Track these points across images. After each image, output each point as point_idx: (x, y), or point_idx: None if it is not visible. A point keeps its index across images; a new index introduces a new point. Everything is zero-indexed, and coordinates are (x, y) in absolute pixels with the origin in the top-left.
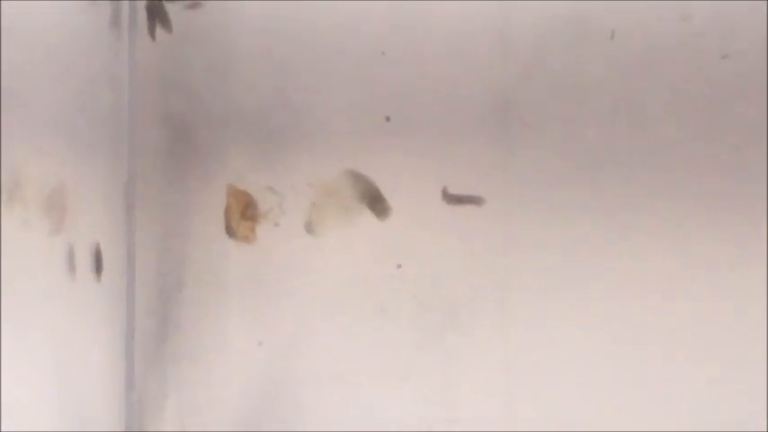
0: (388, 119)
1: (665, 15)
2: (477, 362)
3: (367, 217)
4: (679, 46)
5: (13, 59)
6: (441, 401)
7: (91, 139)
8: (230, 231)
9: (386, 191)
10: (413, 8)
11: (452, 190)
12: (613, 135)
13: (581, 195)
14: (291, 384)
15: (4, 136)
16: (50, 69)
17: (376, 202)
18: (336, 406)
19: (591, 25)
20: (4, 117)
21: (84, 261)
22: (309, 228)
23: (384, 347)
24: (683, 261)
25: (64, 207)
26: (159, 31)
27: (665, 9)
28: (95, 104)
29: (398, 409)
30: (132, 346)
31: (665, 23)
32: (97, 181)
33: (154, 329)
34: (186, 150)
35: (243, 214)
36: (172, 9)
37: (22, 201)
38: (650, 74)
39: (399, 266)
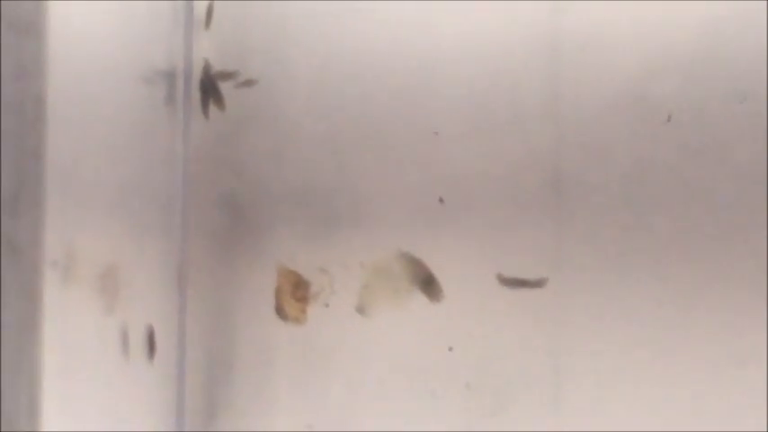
0: (441, 200)
1: (721, 96)
2: None
3: (419, 299)
4: (735, 128)
5: (67, 137)
6: None
7: (144, 218)
8: (280, 312)
9: (438, 273)
10: (467, 88)
11: (506, 273)
12: (675, 219)
13: (638, 280)
14: None
15: (58, 214)
16: (105, 148)
17: (428, 284)
18: None
19: (647, 106)
20: (58, 195)
21: (138, 342)
22: (360, 309)
23: (435, 431)
24: (743, 345)
25: (117, 286)
26: (213, 109)
27: (721, 90)
28: (149, 183)
29: None
30: (183, 428)
31: (721, 105)
32: (150, 260)
33: (203, 410)
34: (238, 230)
35: (293, 295)
36: (225, 87)
37: (76, 279)
38: (708, 156)
39: (451, 349)
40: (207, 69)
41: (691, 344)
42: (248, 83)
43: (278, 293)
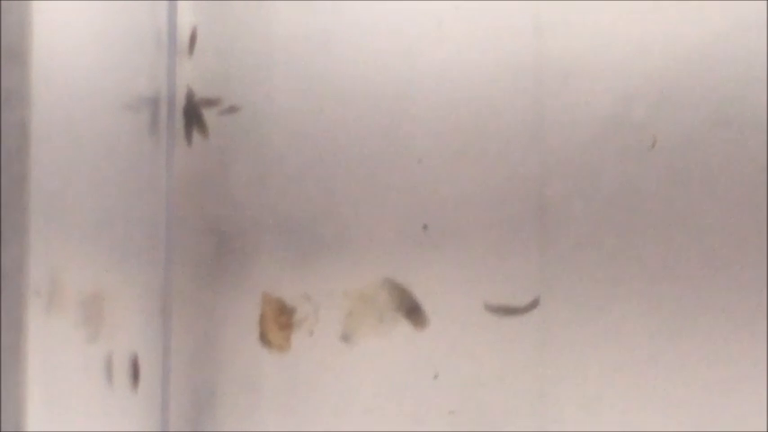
0: (425, 227)
1: (705, 122)
2: None
3: (404, 327)
4: (720, 153)
5: (50, 165)
6: None
7: (128, 245)
8: (265, 340)
9: (423, 300)
10: (450, 115)
11: (491, 300)
12: (661, 245)
13: (625, 307)
14: None
15: (42, 242)
16: (88, 175)
17: (413, 311)
18: None
19: (632, 133)
20: (42, 223)
21: (122, 370)
22: (345, 337)
23: None
24: (734, 370)
25: (101, 314)
26: (196, 136)
27: (706, 116)
28: (133, 211)
29: None
30: None
31: (706, 130)
32: (134, 288)
33: None
34: (222, 257)
35: (277, 322)
36: (208, 114)
37: (60, 307)
38: (693, 182)
39: (436, 377)
40: (190, 96)
41: (680, 370)
42: (231, 109)
43: (262, 321)
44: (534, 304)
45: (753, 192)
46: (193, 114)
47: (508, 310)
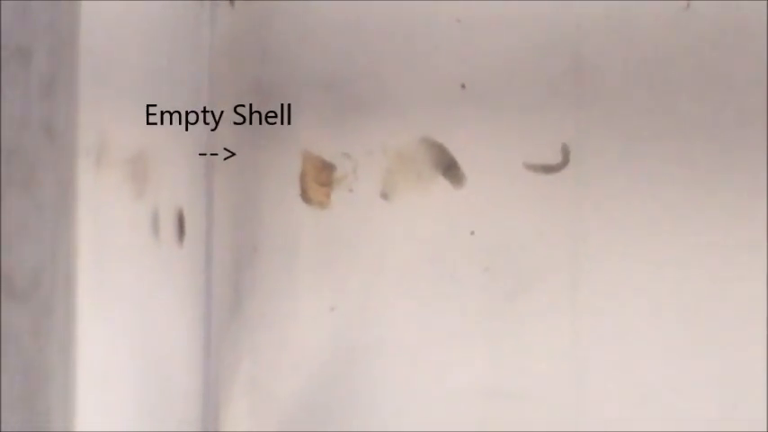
0: (463, 86)
1: None
2: (547, 330)
3: (442, 184)
4: (751, 15)
5: (99, 28)
6: (510, 369)
7: (173, 104)
8: (305, 197)
9: (461, 158)
10: None
11: (527, 158)
12: (694, 104)
13: (658, 164)
14: (362, 349)
15: (92, 101)
16: (135, 36)
17: (450, 169)
18: (406, 372)
19: None
20: (92, 81)
21: (168, 225)
22: (384, 194)
23: (454, 314)
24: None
25: (147, 171)
26: None
27: None
28: (177, 70)
29: (467, 375)
30: (210, 310)
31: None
32: (178, 146)
33: (229, 294)
34: (264, 115)
35: (318, 180)
36: None
37: (108, 165)
38: (725, 43)
39: (472, 234)
40: None
41: (709, 227)
42: None
43: (303, 178)
44: (566, 159)
45: None
46: None
47: (544, 168)
